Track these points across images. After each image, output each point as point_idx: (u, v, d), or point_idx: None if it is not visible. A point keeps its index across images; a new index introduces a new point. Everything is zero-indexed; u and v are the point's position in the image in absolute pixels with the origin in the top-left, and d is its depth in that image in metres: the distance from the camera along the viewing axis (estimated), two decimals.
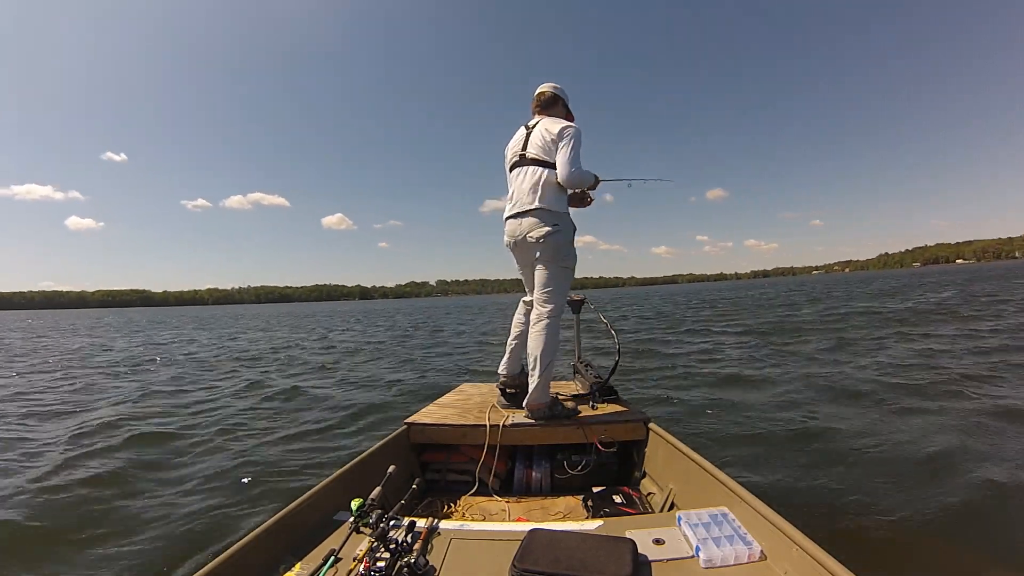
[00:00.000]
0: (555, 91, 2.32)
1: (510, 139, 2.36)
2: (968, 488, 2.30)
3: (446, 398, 2.66)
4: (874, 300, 16.70)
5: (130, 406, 5.01)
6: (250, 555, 1.17)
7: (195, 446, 3.55)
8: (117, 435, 3.76)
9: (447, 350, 9.81)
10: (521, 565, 1.08)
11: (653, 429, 2.00)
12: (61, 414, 4.73)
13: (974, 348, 6.00)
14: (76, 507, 2.51)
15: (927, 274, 57.20)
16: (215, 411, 4.71)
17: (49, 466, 3.06)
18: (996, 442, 2.87)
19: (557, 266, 2.18)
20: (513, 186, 2.24)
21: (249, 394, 5.53)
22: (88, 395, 5.79)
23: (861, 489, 2.38)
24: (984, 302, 12.73)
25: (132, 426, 4.05)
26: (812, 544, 1.03)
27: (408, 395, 5.15)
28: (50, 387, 6.38)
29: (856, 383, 4.56)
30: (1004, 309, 10.49)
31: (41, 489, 2.69)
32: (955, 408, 3.57)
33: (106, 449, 3.43)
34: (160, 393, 5.75)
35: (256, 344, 12.72)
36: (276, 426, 4.10)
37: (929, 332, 7.74)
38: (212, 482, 2.83)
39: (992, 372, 4.65)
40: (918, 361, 5.46)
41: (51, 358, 10.31)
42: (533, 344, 2.14)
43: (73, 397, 5.65)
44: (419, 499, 1.95)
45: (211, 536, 2.17)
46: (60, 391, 6.05)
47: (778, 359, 6.36)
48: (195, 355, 10.29)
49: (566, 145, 2.09)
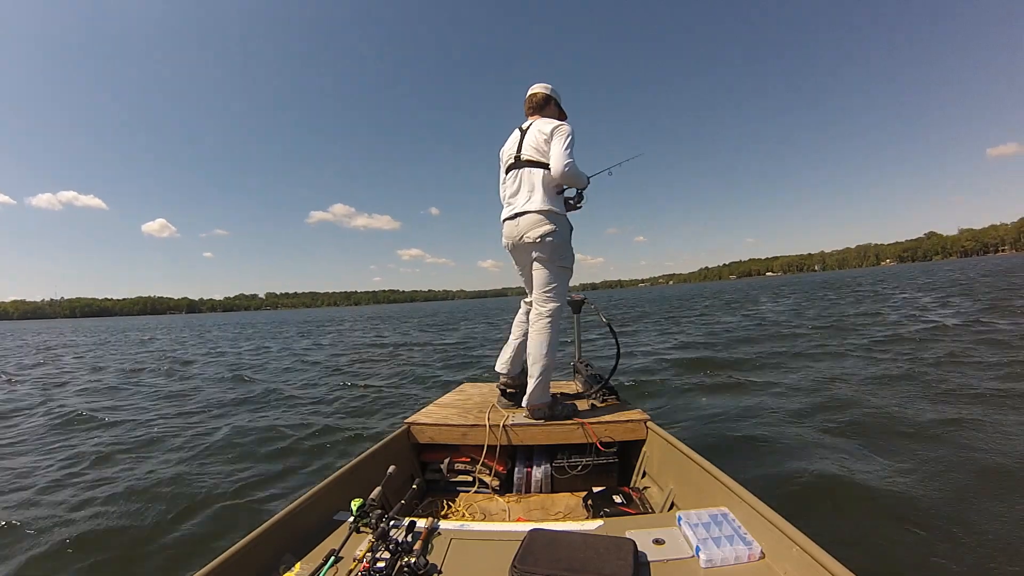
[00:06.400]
0: (547, 92, 2.32)
1: (504, 142, 2.36)
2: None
3: (446, 398, 2.66)
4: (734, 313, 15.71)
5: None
6: (250, 555, 1.17)
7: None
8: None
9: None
10: (521, 565, 1.08)
11: (653, 429, 2.00)
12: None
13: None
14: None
15: (752, 286, 56.76)
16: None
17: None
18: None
19: (555, 266, 2.18)
20: (510, 188, 2.24)
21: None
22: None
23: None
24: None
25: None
26: (812, 544, 1.03)
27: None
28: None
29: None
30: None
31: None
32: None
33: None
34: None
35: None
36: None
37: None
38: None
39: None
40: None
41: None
42: (533, 344, 2.15)
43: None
44: (419, 499, 1.95)
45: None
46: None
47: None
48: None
49: (559, 141, 2.09)
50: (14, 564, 2.08)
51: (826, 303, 15.94)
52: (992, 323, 7.54)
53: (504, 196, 2.29)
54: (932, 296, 14.46)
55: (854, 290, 22.51)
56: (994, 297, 11.89)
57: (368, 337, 15.69)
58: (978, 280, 20.48)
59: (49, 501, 2.76)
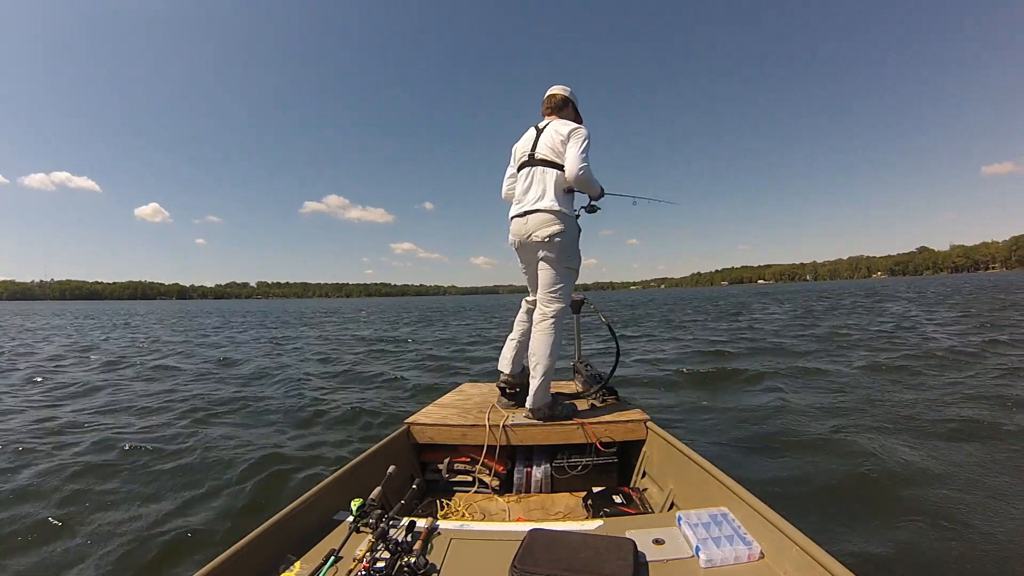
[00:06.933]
0: (566, 94, 2.33)
1: (518, 139, 2.36)
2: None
3: (446, 398, 2.66)
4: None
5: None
6: (250, 555, 1.17)
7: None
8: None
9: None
10: (521, 565, 1.08)
11: (653, 429, 1.99)
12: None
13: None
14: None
15: (742, 293, 56.48)
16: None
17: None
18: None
19: (562, 266, 2.18)
20: (520, 186, 2.24)
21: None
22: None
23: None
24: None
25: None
26: (812, 544, 1.03)
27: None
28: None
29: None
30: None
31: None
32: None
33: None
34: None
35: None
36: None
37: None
38: None
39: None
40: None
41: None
42: (536, 344, 2.15)
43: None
44: (419, 499, 1.95)
45: None
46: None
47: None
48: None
49: (575, 144, 2.09)
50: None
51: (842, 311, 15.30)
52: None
53: (514, 193, 2.29)
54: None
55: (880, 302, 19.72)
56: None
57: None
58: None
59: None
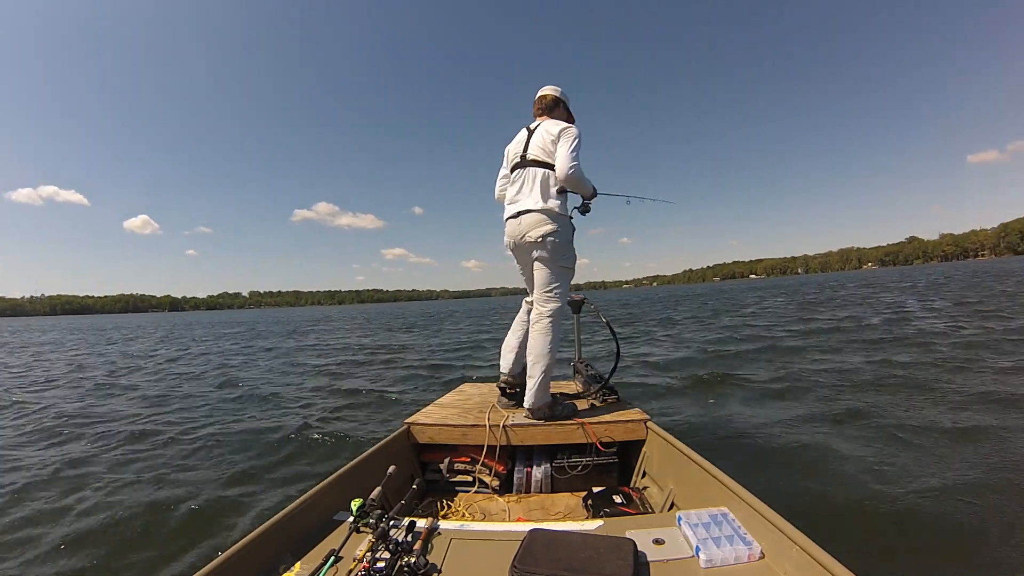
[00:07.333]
0: (557, 95, 2.33)
1: (510, 140, 2.36)
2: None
3: (446, 398, 2.66)
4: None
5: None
6: (250, 555, 1.17)
7: None
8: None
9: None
10: (521, 565, 1.08)
11: (653, 429, 1.99)
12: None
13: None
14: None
15: (734, 288, 56.14)
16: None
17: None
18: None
19: (557, 266, 2.18)
20: (513, 187, 2.24)
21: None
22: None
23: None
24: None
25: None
26: (812, 544, 1.03)
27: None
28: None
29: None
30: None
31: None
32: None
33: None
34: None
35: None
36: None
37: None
38: None
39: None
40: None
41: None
42: (533, 343, 2.15)
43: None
44: (419, 499, 1.95)
45: None
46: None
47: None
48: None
49: (565, 143, 2.10)
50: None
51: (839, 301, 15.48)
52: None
53: (507, 194, 2.29)
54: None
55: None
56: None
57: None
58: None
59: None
